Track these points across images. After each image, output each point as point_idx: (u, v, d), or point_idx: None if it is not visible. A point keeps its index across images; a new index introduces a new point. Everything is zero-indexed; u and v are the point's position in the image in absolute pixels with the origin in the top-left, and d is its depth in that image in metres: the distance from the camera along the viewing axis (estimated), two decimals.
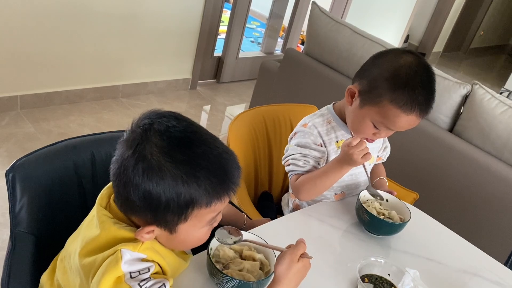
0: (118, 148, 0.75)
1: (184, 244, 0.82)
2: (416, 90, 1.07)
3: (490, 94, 1.87)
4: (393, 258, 1.10)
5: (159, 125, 0.72)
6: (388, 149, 1.40)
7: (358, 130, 1.18)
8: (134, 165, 0.71)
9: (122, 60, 2.79)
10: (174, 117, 0.75)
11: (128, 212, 0.77)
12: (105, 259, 0.74)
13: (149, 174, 0.70)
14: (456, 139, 1.95)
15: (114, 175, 0.75)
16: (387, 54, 1.15)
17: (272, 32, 4.01)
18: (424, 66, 1.11)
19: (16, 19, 2.22)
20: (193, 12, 2.97)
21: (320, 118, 1.25)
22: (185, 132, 0.73)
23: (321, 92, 2.27)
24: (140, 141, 0.71)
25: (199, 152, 0.72)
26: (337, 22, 2.26)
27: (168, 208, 0.72)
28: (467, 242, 1.23)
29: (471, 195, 1.90)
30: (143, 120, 0.74)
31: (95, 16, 2.50)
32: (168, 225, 0.75)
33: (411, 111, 1.08)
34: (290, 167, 1.23)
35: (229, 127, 1.46)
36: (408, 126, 1.13)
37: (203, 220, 0.77)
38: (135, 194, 0.71)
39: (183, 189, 0.70)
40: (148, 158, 0.70)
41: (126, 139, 0.74)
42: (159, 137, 0.71)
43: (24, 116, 2.45)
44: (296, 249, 0.84)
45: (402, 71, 1.08)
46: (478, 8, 6.60)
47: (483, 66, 6.99)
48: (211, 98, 3.33)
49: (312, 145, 1.22)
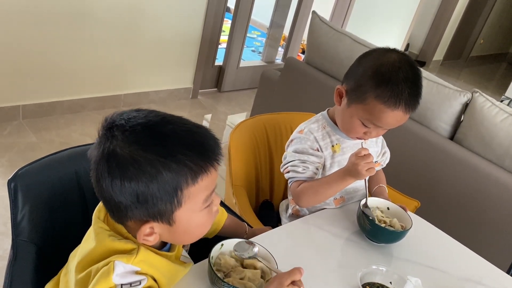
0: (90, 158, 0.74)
1: (189, 234, 0.80)
2: (399, 85, 1.08)
3: (491, 102, 1.87)
4: (395, 266, 1.10)
5: (120, 121, 0.72)
6: (387, 155, 1.41)
7: (348, 129, 1.20)
8: (108, 166, 0.69)
9: (124, 70, 2.81)
10: (134, 111, 0.74)
11: (122, 217, 0.75)
12: (99, 270, 0.73)
13: (125, 168, 0.69)
14: (457, 147, 1.95)
15: (96, 187, 0.74)
16: (371, 53, 1.18)
17: (272, 42, 4.03)
18: (408, 62, 1.12)
19: (18, 29, 2.24)
20: (194, 22, 2.99)
21: (315, 124, 1.27)
22: (146, 118, 0.72)
23: (321, 101, 2.27)
24: (106, 141, 0.71)
25: (166, 131, 0.71)
26: (337, 31, 2.27)
27: (157, 198, 0.70)
28: (469, 250, 1.23)
29: (472, 203, 1.89)
30: (105, 123, 0.73)
31: (97, 26, 2.52)
32: (165, 216, 0.73)
33: (396, 106, 1.09)
34: (290, 174, 1.24)
35: (230, 136, 1.46)
36: (395, 122, 1.13)
37: (197, 200, 0.75)
38: (120, 195, 0.70)
39: (164, 173, 0.69)
40: (119, 153, 0.69)
41: (94, 146, 0.73)
42: (122, 130, 0.70)
43: (26, 125, 2.46)
44: (287, 274, 0.80)
45: (384, 68, 1.10)
46: (477, 16, 6.64)
47: (483, 75, 7.00)
48: (212, 107, 3.34)
49: (310, 150, 1.23)
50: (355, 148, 1.28)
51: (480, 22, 6.77)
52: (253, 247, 0.90)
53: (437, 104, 1.98)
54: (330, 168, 1.26)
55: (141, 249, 0.76)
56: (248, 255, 0.88)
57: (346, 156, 1.27)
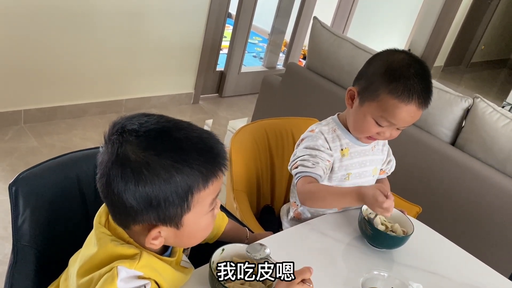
0: (100, 163, 0.74)
1: (193, 237, 0.81)
2: (411, 79, 1.10)
3: (492, 107, 1.87)
4: (396, 272, 1.09)
5: (132, 125, 0.72)
6: (392, 163, 1.40)
7: (361, 129, 1.20)
8: (122, 171, 0.69)
9: (125, 75, 2.82)
10: (143, 115, 0.75)
11: (129, 221, 0.75)
12: (102, 276, 0.73)
13: (140, 174, 0.69)
14: (458, 152, 1.95)
15: (104, 191, 0.73)
16: (381, 54, 1.21)
17: (274, 47, 4.04)
18: (417, 60, 1.15)
19: (20, 34, 2.25)
20: (196, 28, 3.00)
21: (326, 126, 1.28)
22: (159, 123, 0.73)
23: (323, 106, 2.28)
24: (119, 145, 0.70)
25: (180, 136, 0.72)
26: (338, 37, 2.28)
27: (169, 202, 0.71)
28: (471, 256, 1.22)
29: (474, 208, 1.89)
30: (115, 127, 0.73)
31: (100, 31, 2.53)
32: (174, 219, 0.74)
33: (409, 100, 1.10)
34: (298, 169, 1.20)
35: (231, 140, 1.46)
36: (409, 118, 1.14)
37: (205, 204, 0.76)
38: (132, 199, 0.70)
39: (177, 178, 0.70)
40: (133, 158, 0.69)
41: (104, 151, 0.73)
42: (135, 135, 0.71)
43: (28, 130, 2.47)
44: (298, 273, 0.82)
45: (395, 65, 1.13)
46: (478, 22, 6.65)
47: (484, 80, 7.00)
48: (213, 112, 3.35)
49: (321, 147, 1.22)
50: (361, 154, 1.28)
51: (481, 28, 6.78)
52: (264, 248, 0.91)
53: (438, 109, 1.97)
54: (338, 171, 1.26)
55: (144, 254, 0.76)
56: (260, 256, 0.89)
57: (353, 161, 1.27)
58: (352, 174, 1.28)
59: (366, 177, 1.31)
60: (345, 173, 1.27)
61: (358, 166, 1.29)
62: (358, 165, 1.28)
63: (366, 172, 1.30)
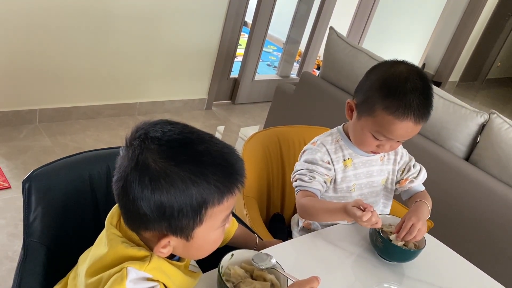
0: (118, 166, 0.74)
1: (202, 250, 0.80)
2: (407, 95, 1.07)
3: (508, 123, 1.85)
4: (407, 286, 1.08)
5: (155, 133, 0.71)
6: (418, 169, 1.33)
7: (361, 143, 1.20)
8: (140, 177, 0.69)
9: (140, 78, 2.84)
10: (167, 123, 0.74)
11: (141, 227, 0.75)
12: (111, 276, 0.73)
13: (157, 182, 0.69)
14: (472, 168, 1.92)
15: (119, 194, 0.73)
16: (379, 66, 1.18)
17: (288, 57, 4.05)
18: (417, 72, 1.11)
19: (40, 36, 2.29)
20: (211, 35, 3.02)
21: (329, 137, 1.27)
22: (182, 134, 0.73)
23: (336, 116, 2.26)
24: (140, 152, 0.70)
25: (201, 149, 0.72)
26: (354, 47, 2.27)
27: (183, 213, 0.70)
28: (483, 273, 1.20)
29: (487, 225, 1.86)
30: (138, 132, 0.73)
31: (117, 35, 2.56)
32: (185, 231, 0.73)
33: (405, 117, 1.08)
34: (297, 183, 1.23)
35: (243, 147, 1.46)
36: (406, 134, 1.12)
37: (218, 219, 0.75)
38: (147, 206, 0.70)
39: (194, 190, 0.69)
40: (152, 166, 0.69)
41: (124, 155, 0.73)
42: (157, 143, 0.70)
43: (42, 129, 2.49)
44: (306, 282, 0.81)
45: (391, 79, 1.10)
46: (495, 39, 6.60)
47: (499, 97, 6.93)
48: (225, 118, 3.36)
49: (319, 161, 1.22)
50: (367, 164, 1.27)
51: (498, 44, 6.73)
52: (271, 258, 0.90)
53: (453, 124, 1.95)
54: (341, 182, 1.25)
55: (154, 257, 0.76)
56: (266, 266, 0.89)
57: (358, 171, 1.26)
58: (357, 185, 1.27)
59: (374, 188, 1.29)
60: (350, 184, 1.26)
61: (364, 176, 1.27)
62: (364, 176, 1.27)
63: (374, 183, 1.29)
